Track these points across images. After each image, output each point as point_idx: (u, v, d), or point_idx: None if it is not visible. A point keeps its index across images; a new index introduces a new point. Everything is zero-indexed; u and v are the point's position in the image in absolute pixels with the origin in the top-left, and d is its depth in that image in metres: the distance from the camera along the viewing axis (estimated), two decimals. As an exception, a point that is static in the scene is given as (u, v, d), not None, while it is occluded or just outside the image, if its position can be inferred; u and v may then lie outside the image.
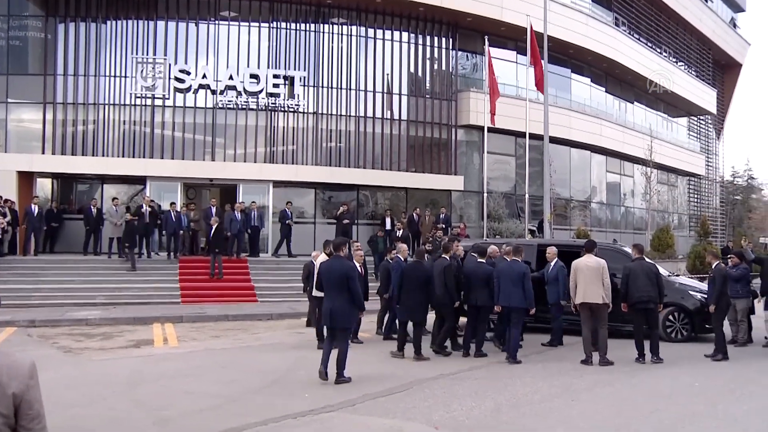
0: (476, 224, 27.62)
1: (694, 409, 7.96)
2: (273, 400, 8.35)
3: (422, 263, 11.54)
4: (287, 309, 17.49)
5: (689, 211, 45.46)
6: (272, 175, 23.77)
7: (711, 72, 48.40)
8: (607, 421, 7.45)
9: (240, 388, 8.92)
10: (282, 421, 7.34)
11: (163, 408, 7.89)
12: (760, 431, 7.15)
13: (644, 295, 11.21)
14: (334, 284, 9.25)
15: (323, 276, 9.51)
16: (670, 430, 7.10)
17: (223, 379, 9.56)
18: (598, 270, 10.95)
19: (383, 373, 10.01)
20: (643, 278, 11.22)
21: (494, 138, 27.51)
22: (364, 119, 25.75)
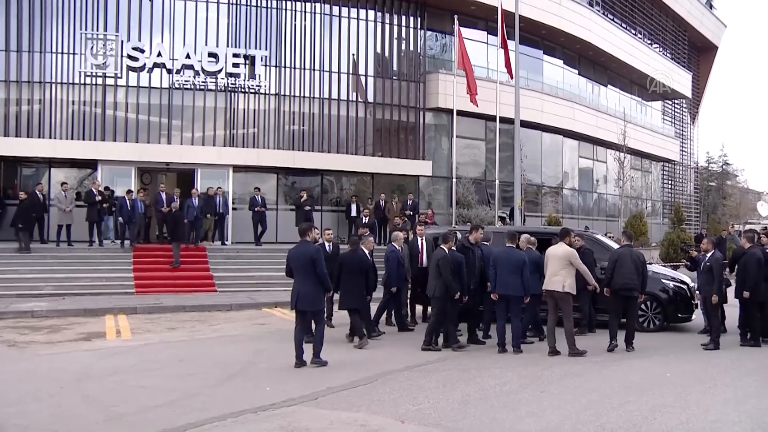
0: (445, 211, 27.75)
1: (664, 401, 8.13)
2: (232, 394, 8.33)
3: (359, 251, 12.04)
4: (247, 299, 17.42)
5: (663, 198, 46.25)
6: (232, 159, 23.57)
7: (686, 55, 49.14)
8: (577, 412, 7.58)
9: (197, 382, 8.88)
10: (241, 415, 7.33)
11: (115, 404, 7.81)
12: (732, 422, 7.33)
13: (629, 282, 11.52)
14: (302, 268, 9.87)
15: (291, 261, 10.03)
16: (641, 422, 7.25)
17: (180, 372, 9.50)
18: (564, 259, 10.98)
19: (348, 365, 10.05)
20: (629, 265, 11.54)
21: (464, 122, 27.62)
22: (329, 101, 25.65)
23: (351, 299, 11.82)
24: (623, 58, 37.66)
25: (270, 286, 19.28)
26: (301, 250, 10.02)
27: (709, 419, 7.40)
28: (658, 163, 45.49)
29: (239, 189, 24.18)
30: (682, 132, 50.33)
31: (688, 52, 49.74)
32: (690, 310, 13.84)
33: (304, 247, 10.04)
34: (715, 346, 11.78)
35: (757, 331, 12.18)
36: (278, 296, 17.79)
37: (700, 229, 38.64)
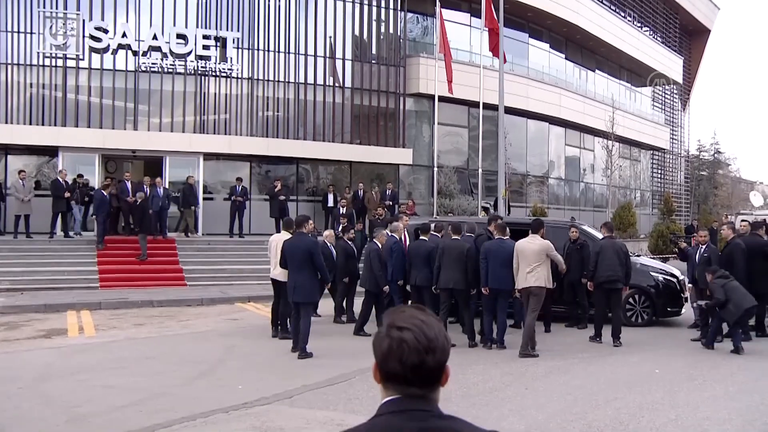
0: (426, 201, 27.79)
1: (653, 398, 8.22)
2: (203, 393, 8.31)
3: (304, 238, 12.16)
4: (219, 294, 17.36)
5: (652, 188, 46.66)
6: (203, 146, 23.40)
7: (678, 38, 49.51)
8: (563, 410, 7.64)
9: (166, 381, 8.84)
10: (212, 415, 7.31)
11: (78, 405, 7.75)
12: (722, 419, 7.42)
13: (613, 274, 11.66)
14: (298, 260, 10.29)
15: (287, 253, 10.45)
16: (628, 420, 7.32)
17: (147, 371, 9.46)
18: (541, 253, 10.69)
19: (324, 362, 10.05)
20: (612, 257, 11.69)
21: (446, 108, 27.64)
22: (305, 86, 25.52)
23: None
24: (612, 42, 37.87)
25: (243, 280, 19.20)
26: (298, 241, 10.46)
27: (698, 417, 7.49)
28: (648, 152, 45.88)
29: (210, 178, 24.03)
30: (672, 119, 50.78)
31: (680, 35, 50.13)
32: (679, 304, 13.99)
33: (301, 239, 10.47)
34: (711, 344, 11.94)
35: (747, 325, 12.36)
36: (252, 290, 17.74)
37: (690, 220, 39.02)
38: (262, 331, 12.68)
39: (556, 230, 14.12)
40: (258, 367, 9.78)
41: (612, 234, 12.30)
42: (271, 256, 11.97)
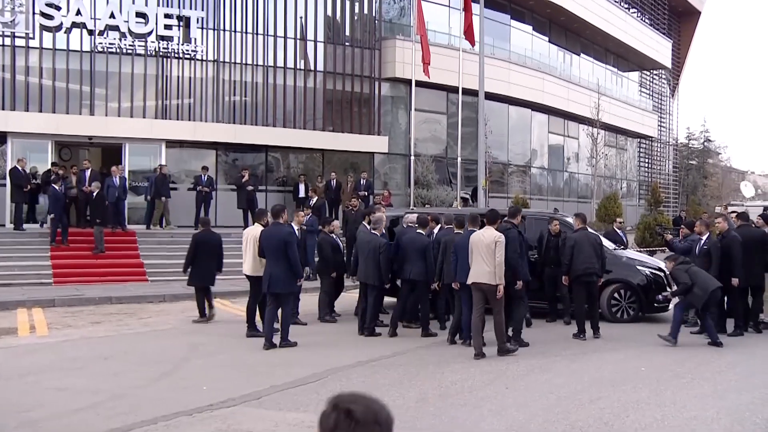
0: (402, 191, 27.84)
1: (638, 396, 8.30)
2: (165, 394, 8.26)
3: (212, 232, 13.71)
4: (182, 289, 17.18)
5: (639, 178, 47.12)
6: (165, 133, 23.20)
7: (666, 20, 49.89)
8: (544, 410, 7.69)
9: (125, 382, 8.78)
10: (175, 418, 7.27)
11: (29, 409, 7.66)
12: (710, 418, 7.51)
13: (590, 266, 11.90)
14: (273, 250, 10.77)
15: (264, 243, 10.98)
16: (613, 420, 7.38)
17: (105, 372, 9.38)
18: (491, 245, 10.36)
19: (295, 362, 10.03)
20: (588, 249, 11.92)
21: (423, 93, 27.67)
22: (274, 69, 25.40)
23: (205, 278, 13.32)
24: (598, 24, 38.09)
25: (208, 275, 19.07)
26: (273, 231, 10.97)
27: (685, 416, 7.57)
28: (635, 140, 46.30)
29: (173, 166, 23.82)
30: (660, 106, 51.26)
31: (669, 17, 50.53)
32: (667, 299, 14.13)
33: (276, 229, 10.95)
34: None
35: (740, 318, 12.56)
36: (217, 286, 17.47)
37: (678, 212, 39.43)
38: (229, 328, 12.63)
39: (539, 222, 14.24)
40: (224, 367, 9.73)
41: (585, 225, 12.47)
42: (245, 250, 11.94)
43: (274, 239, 10.83)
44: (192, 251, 13.30)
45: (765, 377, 9.47)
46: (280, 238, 10.78)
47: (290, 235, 10.95)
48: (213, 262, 13.37)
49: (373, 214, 13.57)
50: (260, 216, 12.33)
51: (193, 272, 13.36)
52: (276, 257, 10.77)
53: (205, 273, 13.30)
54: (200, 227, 14.14)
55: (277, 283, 10.80)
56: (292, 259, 10.78)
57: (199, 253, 13.25)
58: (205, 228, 13.78)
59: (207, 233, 13.56)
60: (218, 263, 13.52)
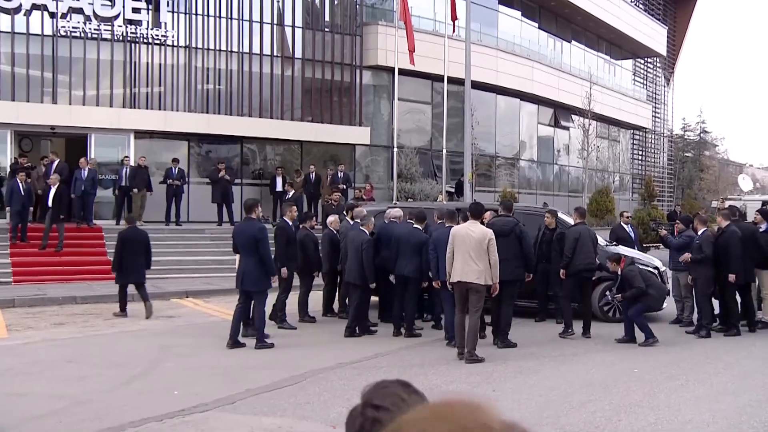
0: (385, 185, 27.82)
1: (631, 399, 8.36)
2: (133, 399, 8.23)
3: (138, 229, 14.38)
4: (152, 288, 17.04)
5: (632, 171, 47.37)
6: (134, 123, 23.05)
7: (661, 6, 50.14)
8: (533, 413, 7.73)
9: (90, 387, 8.73)
10: (144, 424, 7.24)
11: (-10, 414, 7.61)
12: (706, 422, 7.57)
13: (591, 262, 12.19)
14: (245, 247, 10.99)
15: (236, 239, 11.23)
16: (604, 424, 7.43)
17: (70, 376, 9.33)
18: (482, 242, 10.23)
19: (272, 364, 10.04)
20: (589, 244, 12.19)
21: (407, 82, 27.65)
22: (249, 56, 25.28)
23: (132, 275, 13.80)
24: (590, 10, 38.20)
25: (180, 273, 19.03)
26: (245, 227, 11.20)
27: (680, 420, 7.63)
28: (628, 131, 46.53)
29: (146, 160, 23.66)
30: (655, 95, 51.52)
31: (664, 2, 50.79)
32: (661, 297, 14.21)
33: (248, 225, 11.16)
34: (707, 333, 12.29)
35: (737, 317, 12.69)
36: (190, 284, 17.59)
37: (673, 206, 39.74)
38: (202, 329, 12.61)
39: (528, 217, 14.26)
40: (197, 370, 9.72)
41: (584, 220, 12.69)
42: None
43: (246, 235, 11.01)
44: (119, 249, 13.82)
45: (763, 379, 9.57)
46: (252, 234, 10.92)
47: (261, 231, 11.02)
48: (141, 259, 13.89)
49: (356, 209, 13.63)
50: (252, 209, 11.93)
51: (121, 270, 13.83)
52: (248, 253, 10.94)
53: (134, 270, 13.80)
54: (126, 224, 14.69)
55: (249, 280, 10.96)
56: (263, 255, 10.93)
57: (126, 251, 13.75)
58: (131, 225, 14.37)
59: (133, 230, 14.13)
60: (147, 260, 14.06)
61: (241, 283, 11.05)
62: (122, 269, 13.82)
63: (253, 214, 11.25)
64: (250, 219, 11.24)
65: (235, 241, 11.31)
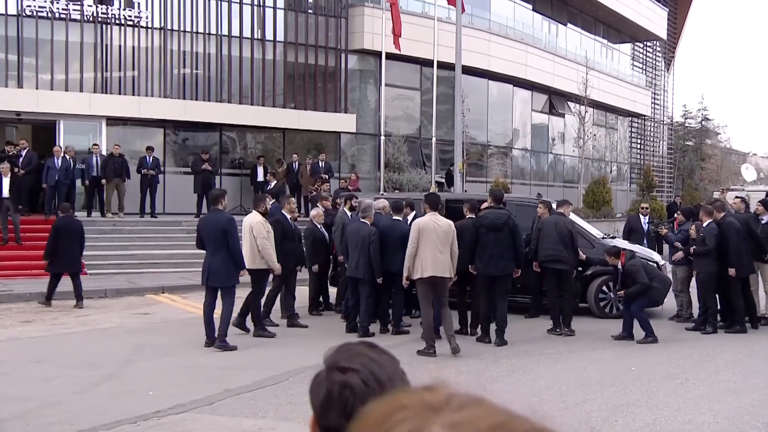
0: (371, 175, 27.81)
1: (628, 399, 8.41)
2: (105, 401, 8.21)
3: (73, 218, 14.99)
4: (126, 283, 17.15)
5: (631, 160, 47.49)
6: (106, 109, 22.92)
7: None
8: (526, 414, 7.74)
9: (60, 388, 8.70)
10: (117, 427, 7.23)
11: (-48, 417, 7.57)
12: (706, 422, 7.62)
13: (553, 253, 12.17)
14: (213, 240, 10.84)
15: (202, 232, 11.05)
16: (600, 424, 7.47)
17: (37, 376, 9.27)
18: (449, 234, 10.61)
19: (252, 363, 10.06)
20: (552, 235, 12.26)
21: (394, 67, 27.62)
22: (228, 39, 25.18)
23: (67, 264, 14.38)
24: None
25: (156, 267, 18.98)
26: (212, 219, 11.09)
27: (679, 420, 7.68)
28: (626, 119, 46.63)
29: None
30: (654, 81, 51.59)
31: (664, -17, 50.77)
32: (660, 293, 14.27)
33: (215, 216, 11.04)
34: (713, 329, 12.42)
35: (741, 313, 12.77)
36: (166, 279, 17.55)
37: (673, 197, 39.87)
38: (178, 327, 12.59)
39: (521, 208, 14.28)
40: (173, 370, 9.70)
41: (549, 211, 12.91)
42: (243, 241, 11.86)
43: (213, 227, 10.91)
44: (53, 238, 14.28)
45: (765, 377, 9.64)
46: (219, 226, 10.81)
47: (230, 222, 10.93)
48: (76, 248, 14.48)
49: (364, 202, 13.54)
50: (258, 203, 12.22)
51: (54, 259, 14.30)
52: (216, 247, 10.83)
53: (68, 259, 14.35)
54: (60, 213, 15.07)
55: (217, 275, 10.85)
56: (233, 249, 10.85)
57: (61, 240, 14.22)
58: (66, 214, 14.86)
59: (68, 219, 14.73)
60: (80, 248, 14.73)
61: (208, 279, 10.93)
62: (56, 258, 14.28)
63: (219, 206, 11.16)
64: (217, 211, 11.13)
65: (201, 235, 11.11)
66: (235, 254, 10.89)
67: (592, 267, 13.81)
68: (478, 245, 11.44)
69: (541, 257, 12.45)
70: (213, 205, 11.31)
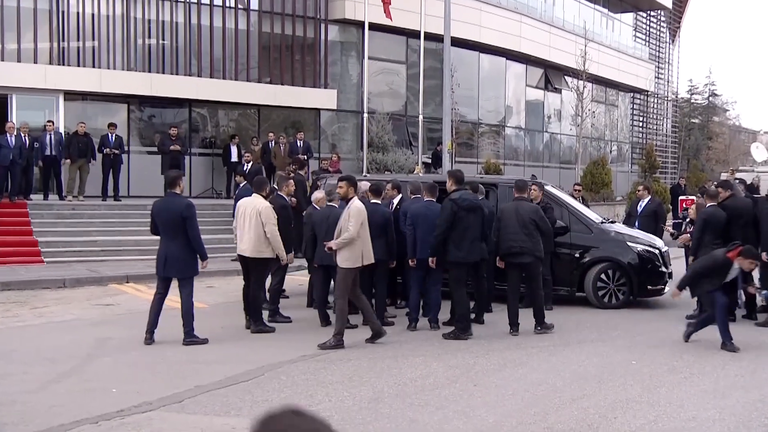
0: (353, 155, 27.82)
1: (628, 395, 8.45)
2: (64, 399, 8.18)
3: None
4: (87, 272, 17.10)
5: (632, 139, 47.64)
6: (63, 82, 22.77)
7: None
8: (519, 411, 7.80)
9: (14, 387, 8.66)
10: (76, 427, 7.22)
11: None
12: (711, 419, 7.66)
13: (514, 245, 11.70)
14: (170, 226, 10.70)
15: (157, 218, 10.87)
16: (598, 422, 7.50)
17: (-11, 373, 9.25)
18: None
19: (226, 357, 10.05)
20: (513, 224, 11.74)
21: (378, 39, 27.56)
22: (198, 6, 25.08)
23: None
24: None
25: (120, 255, 18.95)
26: (168, 203, 10.86)
27: (682, 417, 7.73)
28: (627, 95, 46.77)
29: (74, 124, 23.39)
30: (658, 54, 51.67)
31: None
32: (662, 281, 14.35)
33: (172, 200, 10.87)
34: None
35: None
36: (131, 268, 17.48)
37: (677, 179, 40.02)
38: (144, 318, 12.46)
39: (512, 191, 14.27)
40: (139, 365, 9.67)
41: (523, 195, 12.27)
42: (240, 226, 11.80)
43: (170, 212, 10.71)
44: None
45: (774, 371, 9.70)
46: (178, 212, 10.65)
47: (189, 208, 10.76)
48: None
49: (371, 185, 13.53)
50: (261, 186, 12.10)
51: None
52: (172, 234, 10.70)
53: None
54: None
55: (175, 265, 10.74)
56: (192, 236, 10.73)
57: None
58: None
59: None
60: None
61: (164, 269, 10.81)
62: None
63: (176, 189, 10.99)
64: (174, 194, 10.96)
65: (156, 221, 10.91)
66: (195, 242, 10.77)
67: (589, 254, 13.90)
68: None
69: (503, 249, 11.95)
70: (170, 188, 11.10)
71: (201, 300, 14.24)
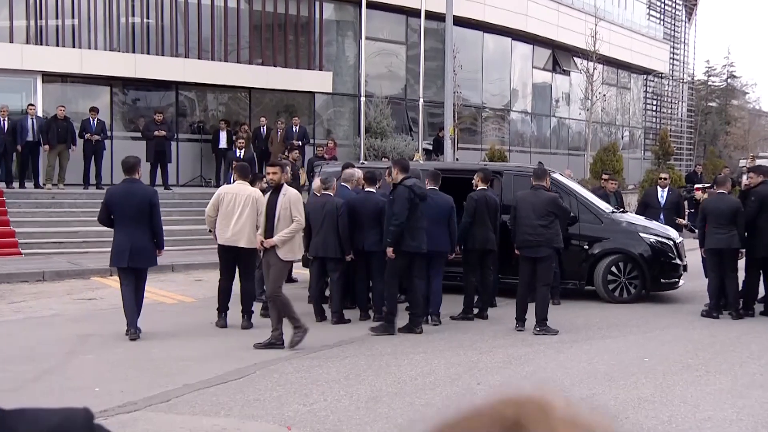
0: (350, 141, 27.80)
1: (640, 393, 8.47)
2: (44, 398, 8.14)
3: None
4: (68, 265, 17.11)
5: (645, 124, 47.57)
6: (41, 63, 22.73)
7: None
8: (526, 411, 7.82)
9: (-8, 384, 8.67)
10: (58, 428, 7.20)
11: None
12: (729, 420, 7.69)
13: (530, 237, 11.59)
14: (134, 215, 10.69)
15: (116, 205, 10.77)
16: (609, 421, 7.52)
17: (-36, 372, 9.25)
18: None
19: (215, 354, 10.06)
20: (530, 214, 11.61)
21: (377, 17, 27.54)
22: (185, -17, 25.04)
23: None
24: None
25: (102, 246, 18.75)
26: (132, 190, 10.88)
27: (698, 417, 7.74)
28: (640, 77, 46.67)
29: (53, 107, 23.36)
30: (673, 33, 51.54)
31: None
32: (676, 274, 14.37)
33: (136, 186, 10.98)
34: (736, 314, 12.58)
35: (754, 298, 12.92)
36: (112, 260, 17.46)
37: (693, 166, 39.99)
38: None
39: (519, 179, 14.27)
40: (123, 363, 9.67)
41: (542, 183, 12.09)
42: (223, 215, 11.68)
43: (136, 199, 10.73)
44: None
45: (795, 369, 9.72)
46: (146, 198, 10.79)
47: (157, 195, 11.00)
48: None
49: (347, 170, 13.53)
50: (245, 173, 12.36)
51: None
52: (137, 223, 10.72)
53: None
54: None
55: (143, 254, 10.79)
56: (156, 225, 10.90)
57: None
58: None
59: None
60: None
61: (129, 260, 10.71)
62: None
63: (136, 175, 11.01)
64: (134, 181, 11.00)
65: (116, 209, 10.78)
66: (158, 231, 10.95)
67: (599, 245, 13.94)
68: None
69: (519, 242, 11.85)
70: (129, 174, 11.03)
71: (190, 294, 14.48)
